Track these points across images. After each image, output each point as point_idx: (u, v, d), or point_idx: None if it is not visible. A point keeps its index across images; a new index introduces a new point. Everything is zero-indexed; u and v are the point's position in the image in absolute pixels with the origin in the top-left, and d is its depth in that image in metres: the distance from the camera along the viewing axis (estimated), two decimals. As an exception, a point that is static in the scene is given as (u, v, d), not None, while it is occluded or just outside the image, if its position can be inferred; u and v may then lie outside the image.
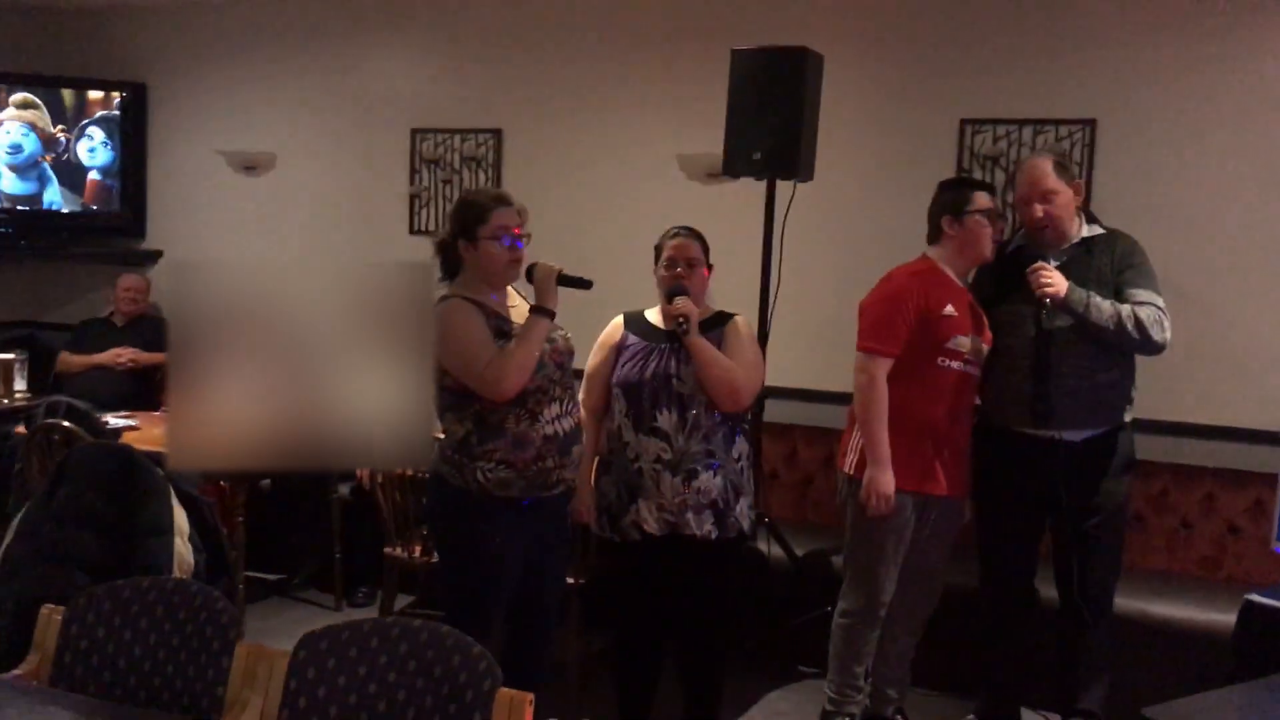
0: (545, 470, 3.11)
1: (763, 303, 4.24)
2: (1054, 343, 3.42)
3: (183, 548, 3.67)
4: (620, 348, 3.44)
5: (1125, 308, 3.35)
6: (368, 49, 5.66)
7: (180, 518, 3.72)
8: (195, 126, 6.05)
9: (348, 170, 5.71)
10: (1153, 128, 4.30)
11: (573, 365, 3.27)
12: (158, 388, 5.47)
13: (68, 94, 5.99)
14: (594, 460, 3.50)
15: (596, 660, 4.06)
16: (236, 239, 5.91)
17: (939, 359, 3.39)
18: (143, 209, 6.22)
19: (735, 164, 4.13)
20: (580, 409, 3.32)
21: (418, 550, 4.18)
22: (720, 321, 3.44)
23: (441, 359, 3.05)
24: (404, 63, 5.60)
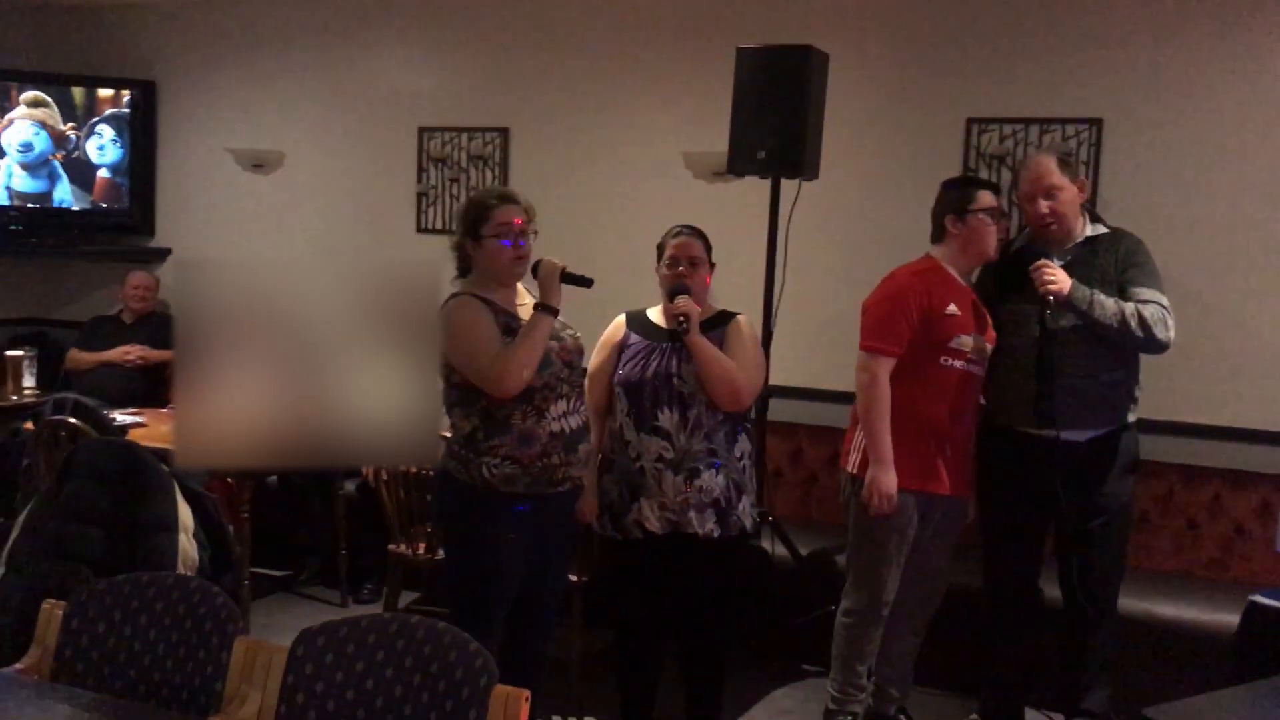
0: (551, 467, 3.12)
1: (767, 301, 4.23)
2: (1057, 342, 3.41)
3: (187, 544, 3.70)
4: (622, 347, 3.45)
5: (1129, 306, 3.34)
6: (376, 47, 5.67)
7: (185, 514, 3.75)
8: (204, 124, 6.08)
9: (355, 168, 5.73)
10: (1159, 127, 4.28)
11: (582, 364, 3.28)
12: (166, 385, 5.48)
13: (77, 92, 6.02)
14: (598, 459, 3.51)
15: (599, 658, 4.07)
16: (245, 237, 5.94)
17: (942, 358, 3.38)
18: (152, 207, 6.24)
19: (740, 162, 4.13)
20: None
21: (422, 547, 4.19)
22: (722, 321, 3.44)
23: (448, 355, 3.09)
24: (411, 61, 5.61)
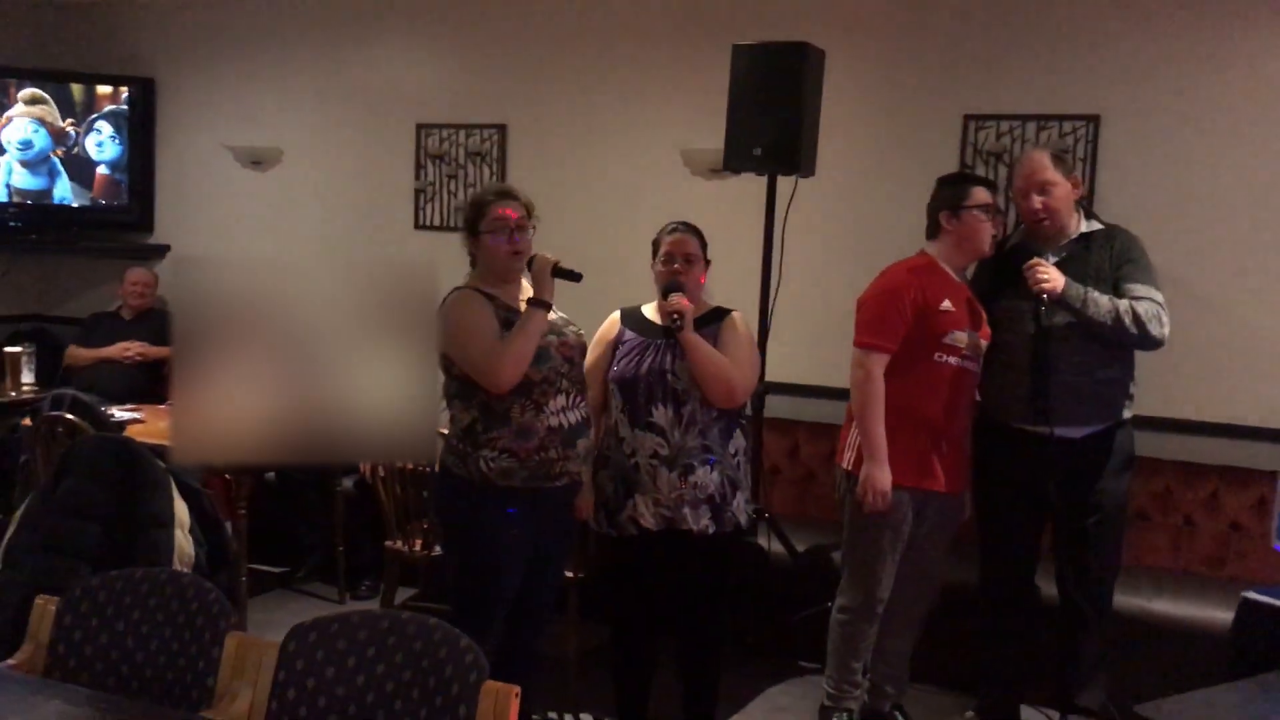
0: (548, 461, 3.14)
1: (764, 298, 4.24)
2: (1053, 339, 3.41)
3: (183, 540, 3.71)
4: (617, 343, 3.45)
5: (1123, 303, 3.34)
6: (374, 44, 5.67)
7: (181, 510, 3.76)
8: (203, 121, 6.07)
9: (353, 165, 5.73)
10: (1157, 124, 4.27)
11: (584, 361, 3.29)
12: (165, 381, 5.49)
13: (76, 89, 6.02)
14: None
15: (594, 654, 4.07)
16: (243, 233, 5.94)
17: (936, 354, 3.38)
18: (151, 203, 6.24)
19: (736, 159, 4.13)
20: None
21: (419, 544, 4.20)
22: (717, 317, 3.44)
23: (446, 348, 3.12)
24: (409, 58, 5.61)
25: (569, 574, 3.90)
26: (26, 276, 6.43)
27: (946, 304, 3.37)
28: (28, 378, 5.78)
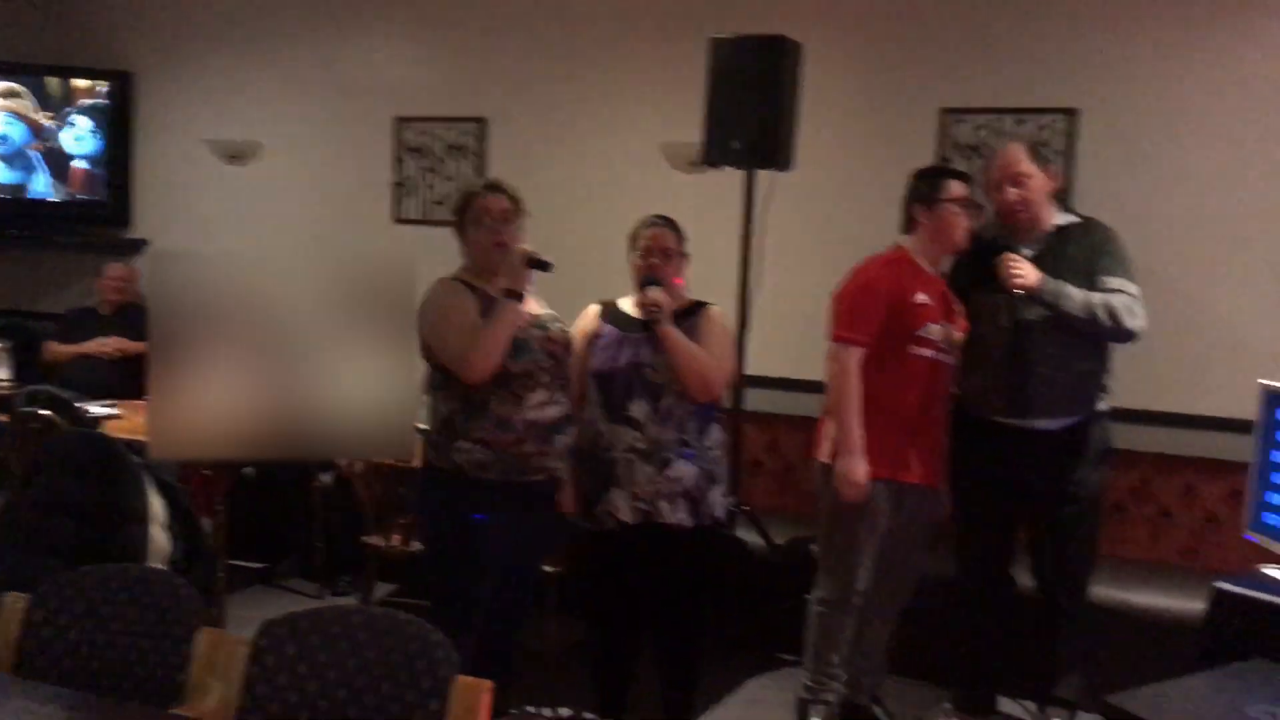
0: (525, 455, 3.14)
1: (742, 291, 4.24)
2: (1028, 332, 3.42)
3: (159, 535, 3.70)
4: (594, 337, 3.45)
5: (1097, 296, 3.35)
6: (352, 38, 5.65)
7: (157, 505, 3.75)
8: (181, 115, 6.05)
9: (332, 159, 5.71)
10: (1134, 117, 4.29)
11: (568, 356, 3.29)
12: (144, 377, 5.44)
13: (53, 82, 5.99)
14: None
15: (574, 649, 4.07)
16: (222, 227, 5.91)
17: (911, 347, 3.38)
18: (128, 198, 6.21)
19: (714, 153, 4.13)
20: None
21: (397, 539, 4.19)
22: (694, 311, 3.45)
23: (428, 336, 3.14)
24: (388, 51, 5.60)
25: (548, 569, 3.91)
26: (3, 271, 6.40)
27: (921, 297, 3.38)
28: (4, 373, 5.72)
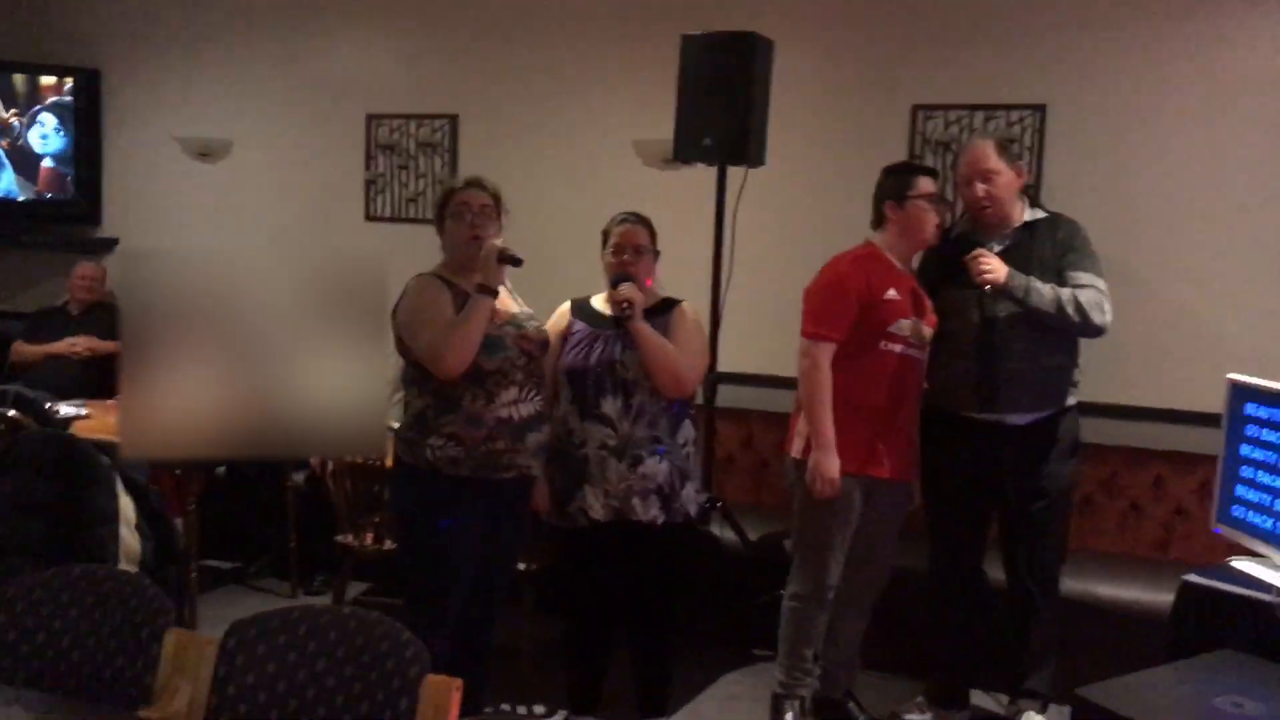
0: (495, 452, 3.14)
1: (715, 288, 4.24)
2: (998, 328, 3.44)
3: (129, 536, 3.68)
4: (567, 334, 3.45)
5: (1065, 291, 3.37)
6: (323, 34, 5.61)
7: (126, 506, 3.73)
8: (150, 113, 5.99)
9: (303, 156, 5.67)
10: (1103, 113, 4.32)
11: (543, 355, 3.30)
12: (114, 376, 5.42)
13: (18, 79, 5.92)
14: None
15: (549, 647, 4.07)
16: (193, 226, 5.86)
17: (881, 343, 3.40)
18: (98, 196, 6.15)
19: (685, 149, 4.13)
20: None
21: (370, 538, 4.18)
22: (666, 308, 3.45)
23: (403, 331, 3.16)
24: (360, 48, 5.57)
25: (522, 566, 3.90)
26: (-29, 271, 6.33)
27: (891, 293, 3.39)
28: (-28, 374, 5.69)
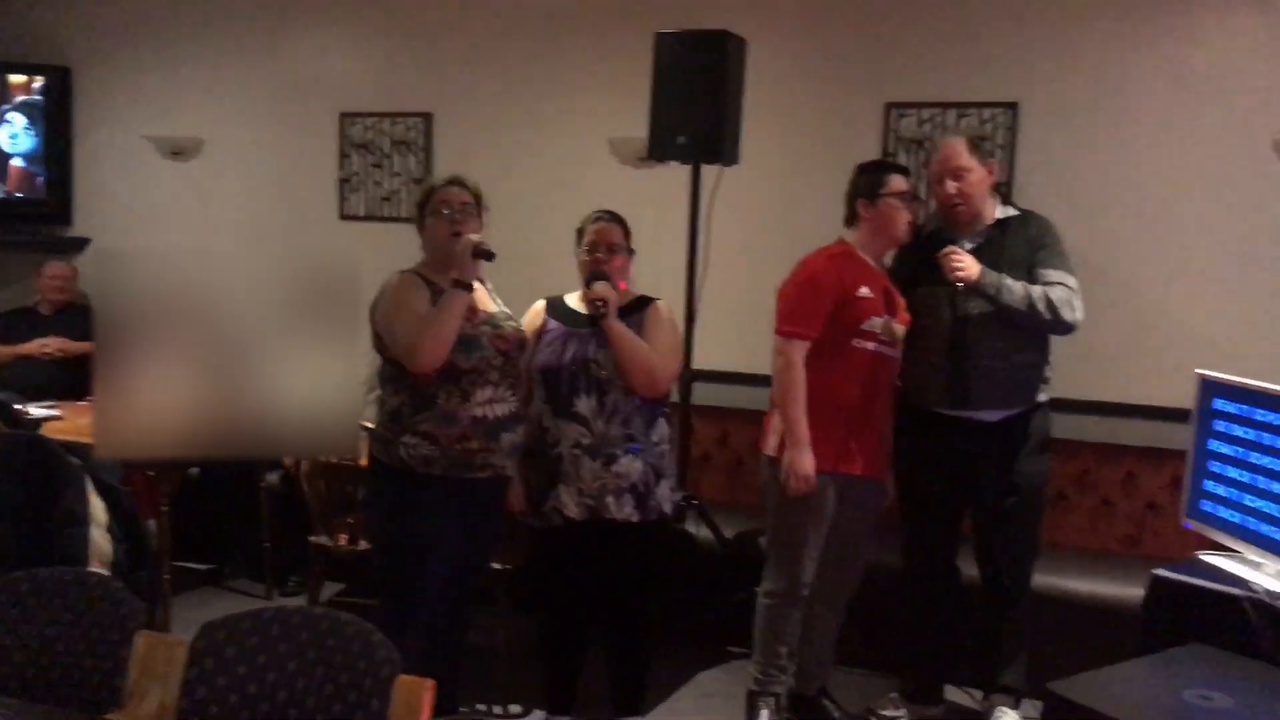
0: (469, 451, 3.15)
1: (690, 286, 4.25)
2: (969, 325, 3.46)
3: (100, 538, 3.65)
4: (541, 333, 3.44)
5: (1037, 289, 3.39)
6: (296, 32, 5.59)
7: (98, 508, 3.70)
8: (121, 111, 5.95)
9: (276, 155, 5.65)
10: (1074, 110, 4.34)
11: (520, 355, 3.30)
12: (86, 377, 5.37)
13: (-12, 78, 5.87)
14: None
15: (524, 646, 4.07)
16: (165, 225, 5.83)
17: (854, 340, 3.41)
18: (69, 195, 6.10)
19: (660, 148, 4.13)
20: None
21: (344, 538, 4.16)
22: (640, 306, 3.45)
23: (380, 328, 3.18)
24: (333, 46, 5.54)
25: (497, 566, 3.90)
26: (-59, 272, 6.26)
27: (864, 291, 3.41)
28: (-59, 376, 5.63)
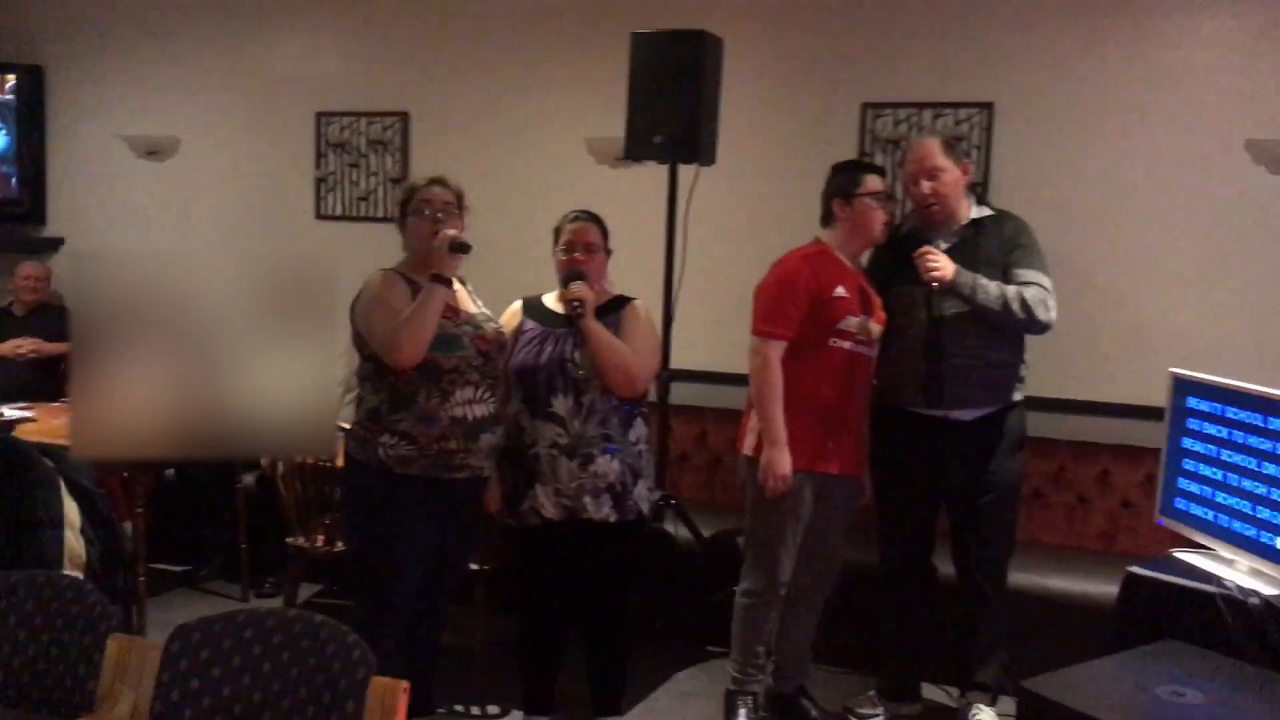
0: (448, 452, 3.14)
1: (667, 285, 4.25)
2: (945, 324, 3.47)
3: (73, 540, 3.62)
4: (518, 333, 3.44)
5: (1011, 289, 3.41)
6: (272, 30, 5.56)
7: (71, 510, 3.67)
8: (95, 110, 5.91)
9: (253, 155, 5.62)
10: (1049, 110, 4.37)
11: (500, 356, 3.29)
12: (61, 378, 5.34)
13: (-41, 77, 5.82)
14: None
15: (502, 647, 4.06)
16: (140, 225, 5.80)
17: (830, 340, 3.42)
18: (43, 195, 6.06)
19: (636, 148, 4.14)
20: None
21: (321, 539, 4.15)
22: (618, 306, 3.45)
23: (360, 325, 3.18)
24: (309, 45, 5.52)
25: (475, 566, 3.89)
26: (-88, 272, 6.20)
27: (840, 290, 3.42)
28: (-86, 377, 5.58)
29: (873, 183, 3.50)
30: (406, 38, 5.30)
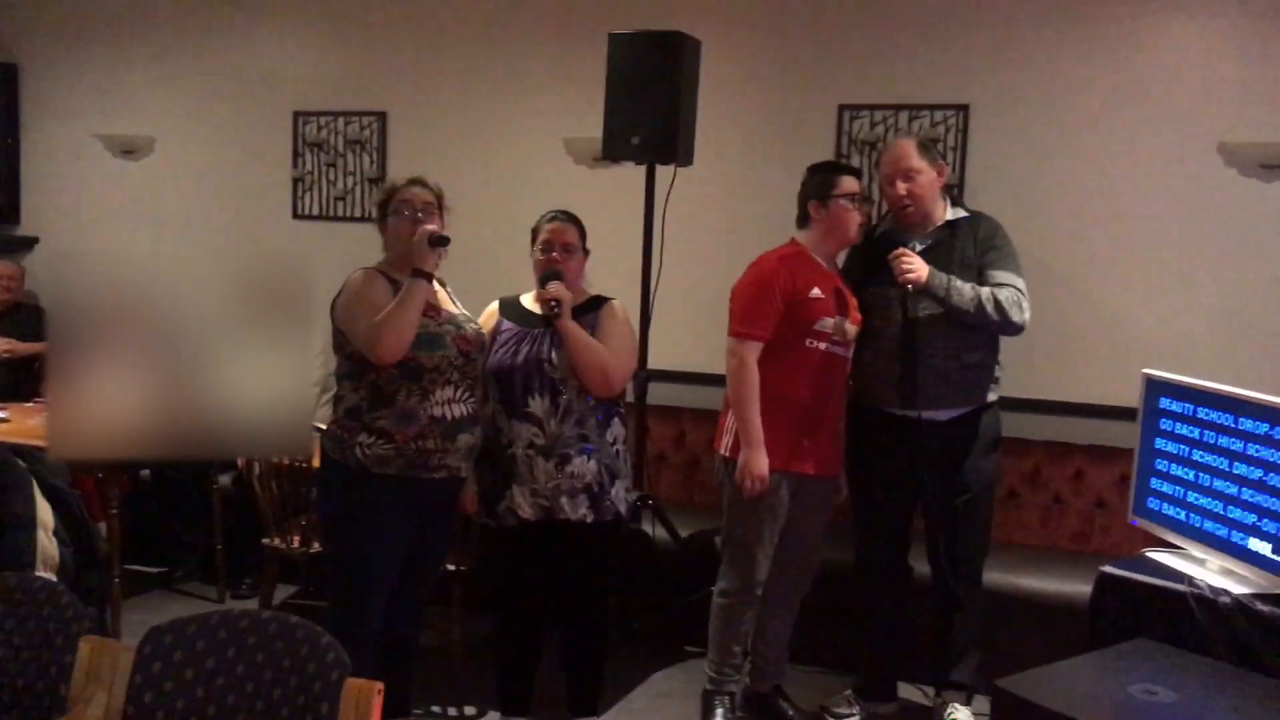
0: (425, 451, 3.14)
1: (645, 286, 4.26)
2: (920, 326, 3.48)
3: (46, 542, 3.59)
4: (495, 333, 3.44)
5: (985, 290, 3.43)
6: (248, 29, 5.54)
7: (44, 511, 3.64)
8: (70, 109, 5.88)
9: (229, 154, 5.60)
10: (1024, 113, 4.40)
11: (480, 357, 3.29)
12: (35, 378, 5.31)
13: (-69, 75, 5.77)
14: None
15: (478, 646, 4.06)
16: (115, 224, 5.77)
17: (806, 340, 3.43)
18: (16, 194, 6.02)
19: (614, 148, 4.14)
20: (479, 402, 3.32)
21: (296, 540, 4.13)
22: (595, 306, 3.45)
23: (341, 323, 3.18)
24: (286, 43, 5.50)
25: (452, 566, 3.89)
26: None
27: (816, 291, 3.43)
28: (-114, 377, 5.53)
29: (848, 184, 3.52)
30: (384, 37, 5.29)
